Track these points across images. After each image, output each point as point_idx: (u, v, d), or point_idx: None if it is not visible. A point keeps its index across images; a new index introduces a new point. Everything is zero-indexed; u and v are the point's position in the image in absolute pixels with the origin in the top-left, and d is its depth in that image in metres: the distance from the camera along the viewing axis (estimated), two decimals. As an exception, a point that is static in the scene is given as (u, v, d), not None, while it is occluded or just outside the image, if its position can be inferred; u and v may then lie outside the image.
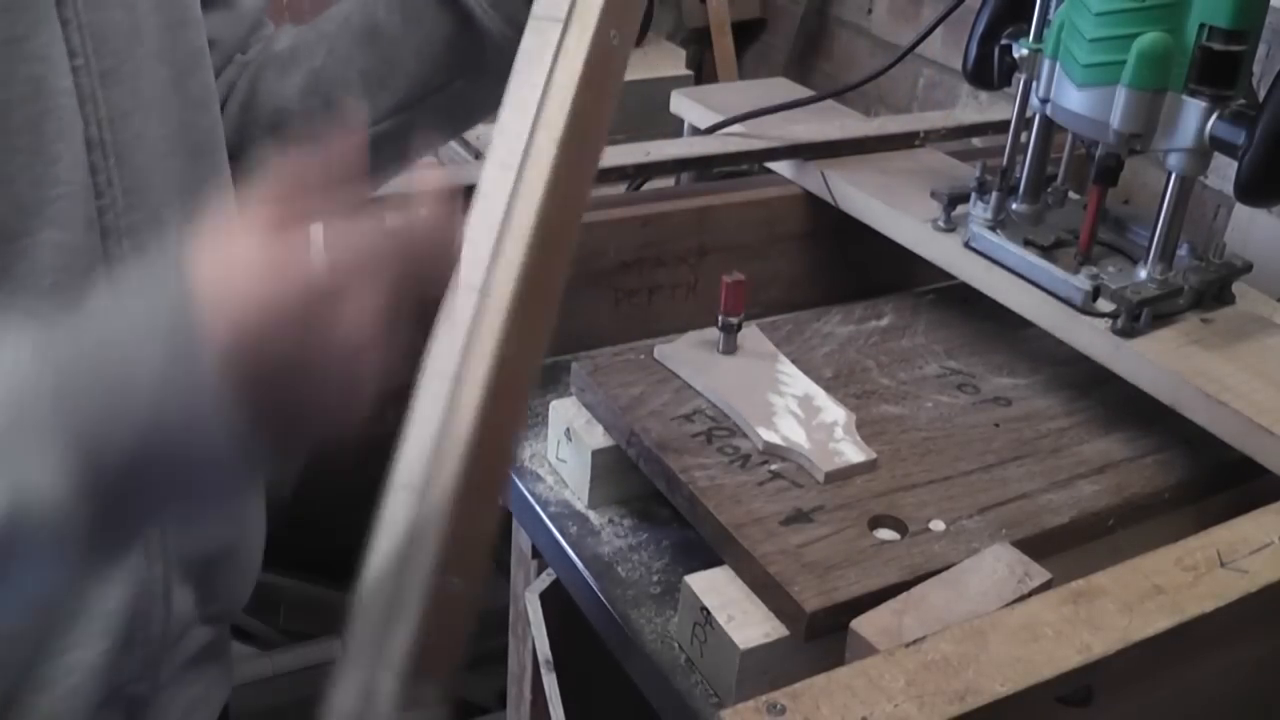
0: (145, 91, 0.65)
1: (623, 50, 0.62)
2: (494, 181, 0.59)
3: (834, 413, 0.89)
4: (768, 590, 0.74)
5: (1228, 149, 0.84)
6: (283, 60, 0.80)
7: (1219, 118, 0.84)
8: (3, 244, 0.59)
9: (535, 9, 0.61)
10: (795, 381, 0.93)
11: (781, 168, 1.17)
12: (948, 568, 0.73)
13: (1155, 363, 0.85)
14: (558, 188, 0.58)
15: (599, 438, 0.89)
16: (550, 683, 0.97)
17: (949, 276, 1.01)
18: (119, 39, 0.63)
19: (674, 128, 1.62)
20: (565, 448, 0.91)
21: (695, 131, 1.39)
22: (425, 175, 0.52)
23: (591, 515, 0.89)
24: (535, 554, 0.97)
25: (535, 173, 0.59)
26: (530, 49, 0.60)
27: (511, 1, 0.74)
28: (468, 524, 0.58)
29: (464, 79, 0.77)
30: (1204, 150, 0.85)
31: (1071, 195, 1.05)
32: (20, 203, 0.59)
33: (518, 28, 0.63)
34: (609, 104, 0.62)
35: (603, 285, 1.06)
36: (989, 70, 0.99)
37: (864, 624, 0.67)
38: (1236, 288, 0.95)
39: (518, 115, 0.60)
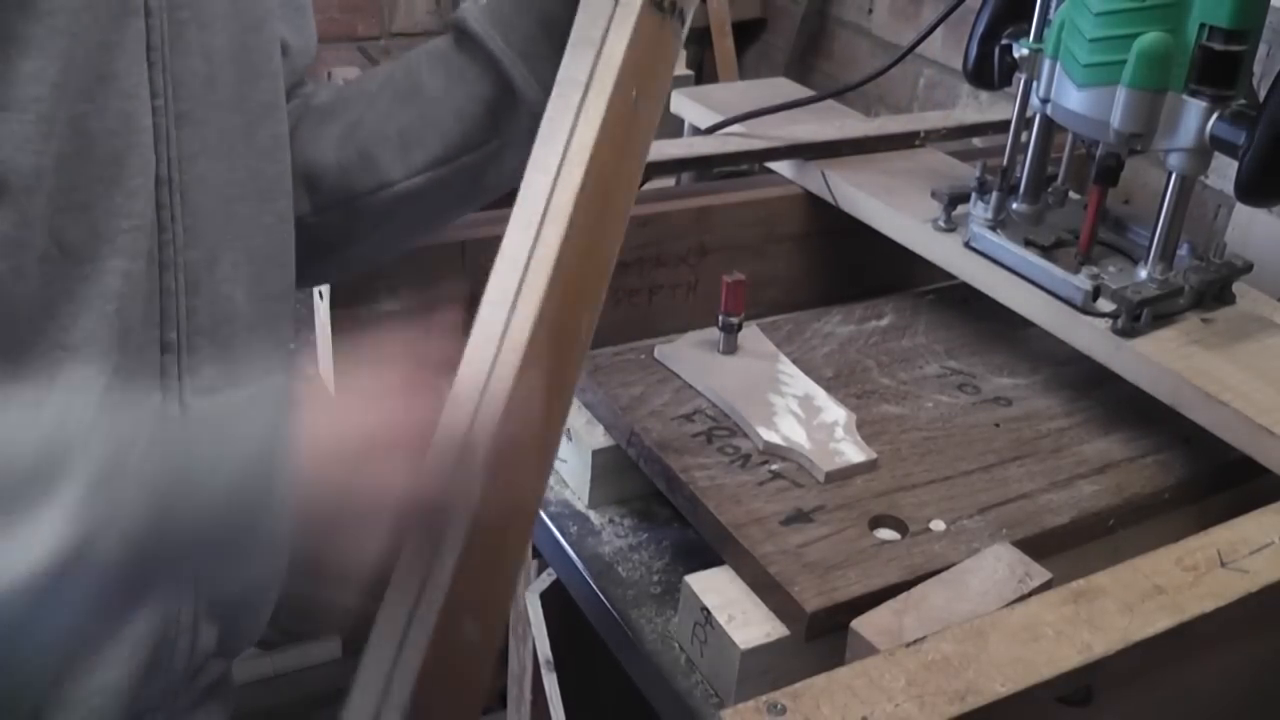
0: (214, 137, 0.68)
1: (648, 110, 0.63)
2: (515, 241, 0.60)
3: (834, 413, 0.89)
4: (768, 590, 0.74)
5: (1228, 149, 0.84)
6: (321, 113, 0.82)
7: (1219, 118, 0.84)
8: (72, 267, 0.61)
9: (560, 73, 0.62)
10: (795, 381, 0.93)
11: (782, 168, 1.17)
12: (948, 568, 0.73)
13: (1155, 363, 0.85)
14: (576, 241, 0.59)
15: (599, 437, 0.89)
16: (550, 682, 0.97)
17: (949, 276, 1.01)
18: (195, 84, 0.66)
19: (674, 128, 1.62)
20: (566, 447, 0.91)
21: (695, 131, 1.39)
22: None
23: (592, 515, 0.89)
24: (536, 554, 0.97)
25: (554, 229, 0.60)
26: (553, 112, 0.62)
27: (549, 70, 0.75)
28: (487, 570, 0.58)
29: (500, 140, 0.79)
30: (1204, 150, 0.85)
31: (1072, 195, 1.05)
32: (96, 229, 0.62)
33: None
34: (635, 162, 0.64)
35: (603, 285, 1.06)
36: (989, 70, 0.99)
37: (864, 624, 0.67)
38: (1237, 287, 0.95)
39: (540, 175, 0.61)
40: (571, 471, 0.91)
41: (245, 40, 0.70)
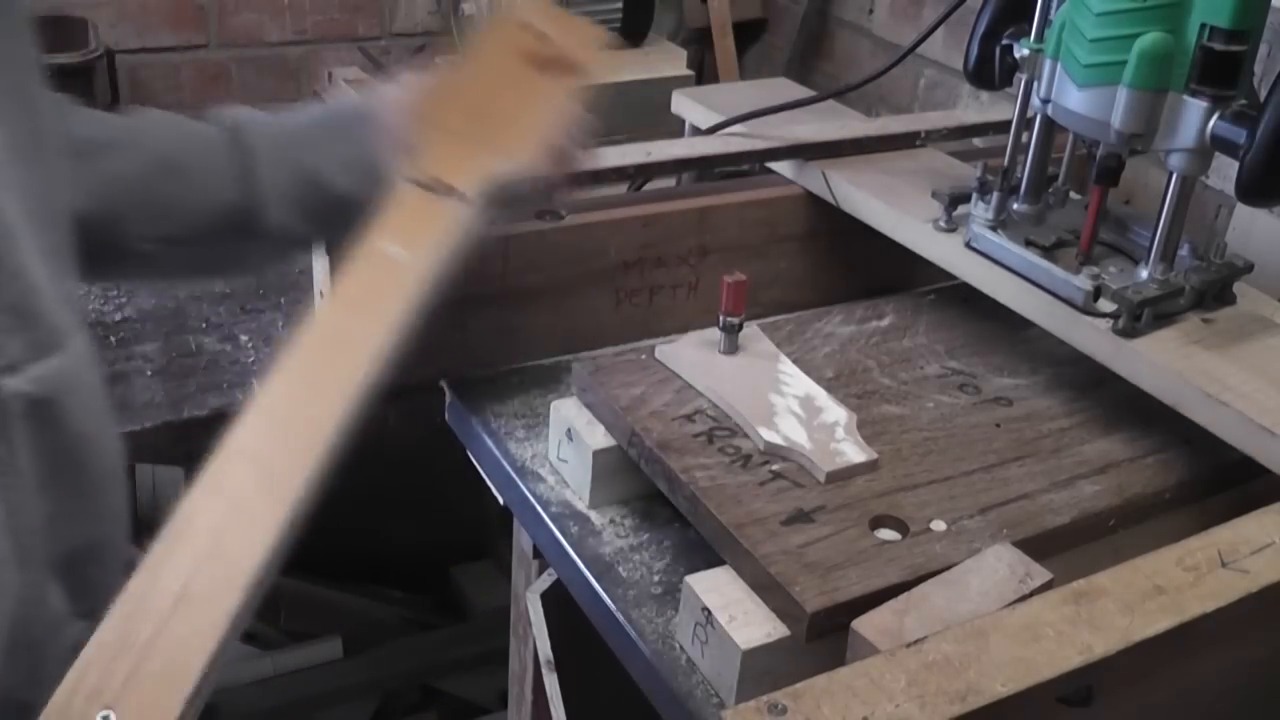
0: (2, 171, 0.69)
1: (415, 263, 0.72)
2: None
3: (835, 413, 0.89)
4: (769, 590, 0.74)
5: (1229, 149, 0.84)
6: (86, 151, 0.83)
7: (1220, 118, 0.84)
8: None
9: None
10: (796, 381, 0.93)
11: (783, 168, 1.17)
12: (949, 568, 0.73)
13: (1156, 363, 0.85)
14: (295, 370, 0.67)
15: (600, 438, 0.89)
16: (551, 683, 0.97)
17: (950, 276, 1.01)
18: None
19: (675, 128, 1.62)
20: (566, 448, 0.91)
21: (696, 131, 1.39)
22: None
23: (593, 515, 0.89)
24: (536, 554, 0.97)
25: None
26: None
27: (296, 211, 0.85)
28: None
29: (239, 245, 0.87)
30: (1205, 150, 0.85)
31: (1073, 195, 1.05)
32: None
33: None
34: (380, 314, 0.69)
35: (604, 285, 1.06)
36: (990, 70, 0.99)
37: (865, 624, 0.67)
38: (1237, 288, 0.95)
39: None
40: (572, 472, 0.91)
41: None
